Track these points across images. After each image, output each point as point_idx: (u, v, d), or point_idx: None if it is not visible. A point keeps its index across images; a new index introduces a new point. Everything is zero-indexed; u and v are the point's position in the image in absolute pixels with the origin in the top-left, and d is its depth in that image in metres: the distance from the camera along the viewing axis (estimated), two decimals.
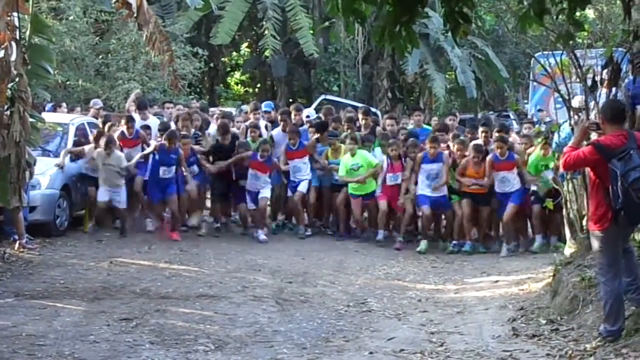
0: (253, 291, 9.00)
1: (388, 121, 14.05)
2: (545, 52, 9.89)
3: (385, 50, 26.75)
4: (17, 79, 9.35)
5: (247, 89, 38.12)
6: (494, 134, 12.29)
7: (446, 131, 13.36)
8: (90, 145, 12.36)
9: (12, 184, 9.28)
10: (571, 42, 7.79)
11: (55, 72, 15.27)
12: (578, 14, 6.50)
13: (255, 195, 12.54)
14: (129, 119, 12.98)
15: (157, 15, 13.58)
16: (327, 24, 26.44)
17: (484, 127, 12.72)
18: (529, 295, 8.71)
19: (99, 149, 12.10)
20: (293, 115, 14.05)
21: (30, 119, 9.68)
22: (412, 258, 11.66)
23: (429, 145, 12.17)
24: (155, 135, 13.10)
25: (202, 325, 7.46)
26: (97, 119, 14.08)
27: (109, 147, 11.96)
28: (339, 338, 7.27)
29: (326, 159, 12.89)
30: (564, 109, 9.36)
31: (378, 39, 5.90)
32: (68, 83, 20.99)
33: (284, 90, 30.43)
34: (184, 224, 12.76)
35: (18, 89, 9.31)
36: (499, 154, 11.81)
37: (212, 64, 27.99)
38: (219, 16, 25.23)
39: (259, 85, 35.63)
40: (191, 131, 13.13)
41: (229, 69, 36.65)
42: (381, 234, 12.53)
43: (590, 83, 8.41)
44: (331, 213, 13.42)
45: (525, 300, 8.44)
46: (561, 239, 10.78)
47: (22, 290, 8.59)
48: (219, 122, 13.62)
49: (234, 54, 35.40)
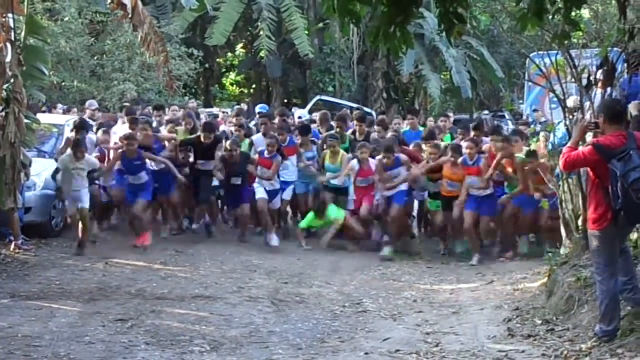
0: (248, 292, 8.99)
1: (376, 127, 13.70)
2: (540, 52, 9.87)
3: (380, 50, 26.82)
4: (12, 80, 9.36)
5: (242, 89, 38.17)
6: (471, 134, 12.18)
7: (433, 139, 13.03)
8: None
9: (7, 185, 9.29)
10: (566, 42, 7.79)
11: (51, 73, 15.20)
12: (573, 13, 6.49)
13: (252, 194, 12.32)
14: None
15: (152, 16, 13.59)
16: (322, 24, 26.56)
17: (475, 131, 12.59)
18: (524, 296, 8.71)
19: (67, 153, 11.29)
20: (277, 120, 13.86)
21: (26, 120, 9.68)
22: (407, 259, 11.67)
23: (383, 155, 11.74)
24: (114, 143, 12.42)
25: (197, 326, 7.44)
26: (92, 120, 14.05)
27: (79, 151, 11.07)
28: (334, 338, 7.26)
29: (323, 162, 12.73)
30: (559, 109, 9.35)
31: (373, 40, 5.89)
32: (63, 84, 21.02)
33: (279, 91, 30.48)
34: (179, 225, 12.68)
35: (13, 90, 9.32)
36: (468, 156, 11.49)
37: (207, 65, 28.06)
38: (214, 17, 25.28)
39: (254, 86, 35.66)
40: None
41: (224, 70, 36.70)
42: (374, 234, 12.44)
43: (585, 83, 8.43)
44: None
45: (520, 301, 8.45)
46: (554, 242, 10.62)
47: (18, 291, 8.57)
48: (204, 121, 13.68)
49: (229, 54, 35.46)
